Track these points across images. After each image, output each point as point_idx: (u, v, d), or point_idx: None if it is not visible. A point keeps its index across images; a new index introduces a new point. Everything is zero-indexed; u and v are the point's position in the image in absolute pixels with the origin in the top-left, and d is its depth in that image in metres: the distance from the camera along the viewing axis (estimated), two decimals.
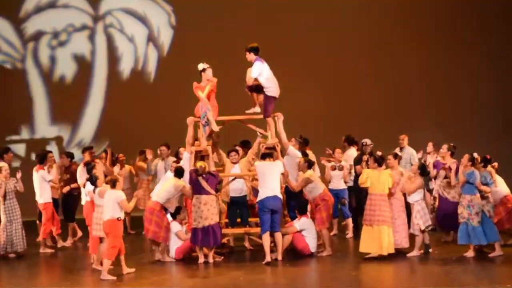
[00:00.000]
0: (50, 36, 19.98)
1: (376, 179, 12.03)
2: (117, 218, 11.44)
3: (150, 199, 13.11)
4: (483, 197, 11.99)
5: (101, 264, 11.72)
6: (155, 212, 12.52)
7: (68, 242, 14.82)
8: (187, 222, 12.88)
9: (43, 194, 14.03)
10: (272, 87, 12.47)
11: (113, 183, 11.60)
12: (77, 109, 19.84)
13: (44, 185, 13.99)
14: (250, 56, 12.48)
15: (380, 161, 12.18)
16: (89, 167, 12.43)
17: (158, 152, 15.43)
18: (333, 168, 14.54)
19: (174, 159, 14.42)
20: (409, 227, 12.31)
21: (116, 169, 15.28)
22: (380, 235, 11.88)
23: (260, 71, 12.40)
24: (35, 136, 19.87)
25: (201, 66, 12.64)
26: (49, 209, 14.07)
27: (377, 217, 11.95)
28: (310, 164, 12.76)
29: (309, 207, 12.96)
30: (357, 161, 14.37)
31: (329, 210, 12.65)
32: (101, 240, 11.93)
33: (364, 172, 12.21)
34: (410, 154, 14.72)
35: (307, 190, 12.70)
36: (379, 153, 12.54)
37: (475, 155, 12.18)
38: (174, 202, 12.85)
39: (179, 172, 12.58)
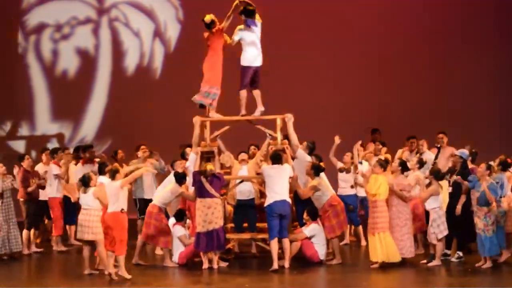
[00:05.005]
0: (53, 29, 19.75)
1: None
2: (121, 210, 11.20)
3: None
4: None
5: (115, 266, 11.47)
6: (152, 215, 12.35)
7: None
8: (189, 226, 12.65)
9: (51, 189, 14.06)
10: (246, 56, 12.34)
11: (112, 175, 11.38)
12: (80, 105, 19.61)
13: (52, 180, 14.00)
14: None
15: (385, 166, 11.93)
16: (103, 166, 12.16)
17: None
18: (341, 170, 13.86)
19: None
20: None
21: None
22: (386, 242, 11.65)
23: (242, 36, 12.37)
24: (35, 133, 19.65)
25: (209, 18, 12.58)
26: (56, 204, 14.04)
27: (379, 224, 11.68)
28: (317, 171, 12.33)
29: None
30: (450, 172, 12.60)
31: (339, 216, 12.31)
32: (90, 243, 11.55)
33: (375, 179, 11.72)
34: (430, 160, 14.01)
35: (314, 198, 12.36)
36: (381, 157, 12.38)
37: (492, 163, 11.91)
38: (174, 206, 12.69)
39: (177, 178, 12.36)
